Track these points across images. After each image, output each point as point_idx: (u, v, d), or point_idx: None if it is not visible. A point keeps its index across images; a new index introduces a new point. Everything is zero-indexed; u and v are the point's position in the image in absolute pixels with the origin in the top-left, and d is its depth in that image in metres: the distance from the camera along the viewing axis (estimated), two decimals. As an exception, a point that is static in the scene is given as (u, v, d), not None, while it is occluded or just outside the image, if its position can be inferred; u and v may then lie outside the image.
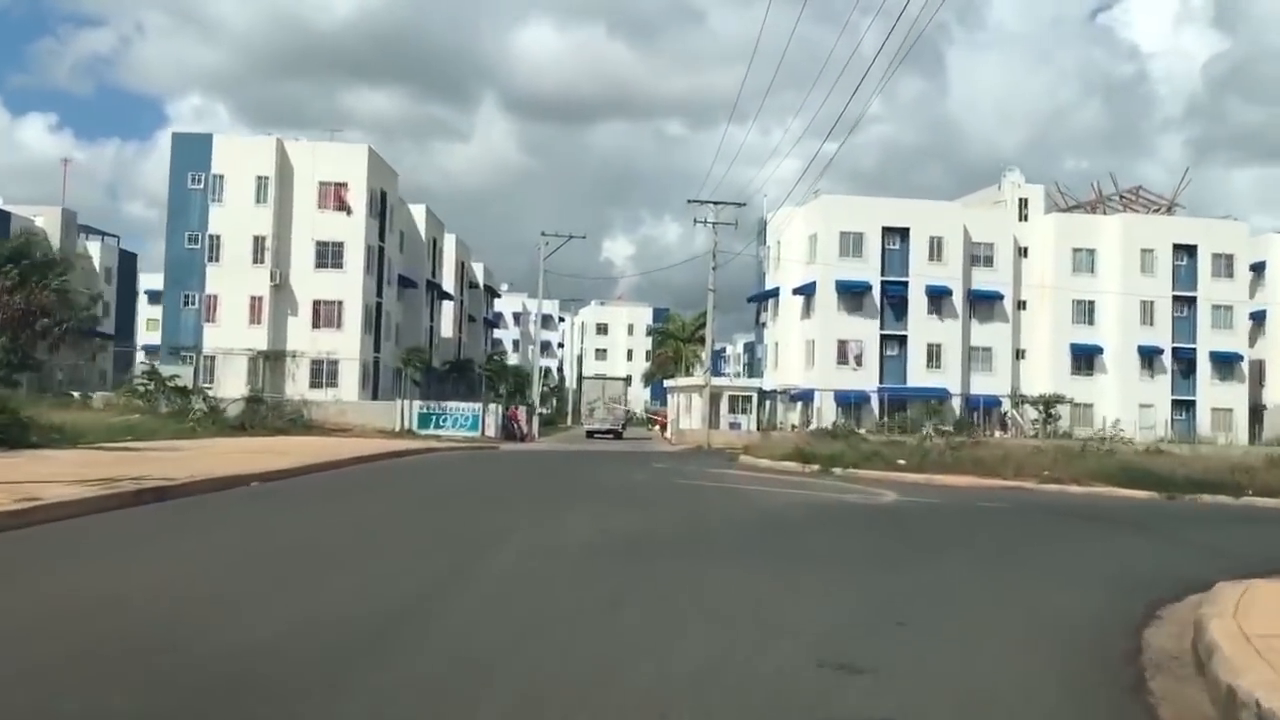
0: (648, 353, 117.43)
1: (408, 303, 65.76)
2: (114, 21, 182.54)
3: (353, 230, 52.93)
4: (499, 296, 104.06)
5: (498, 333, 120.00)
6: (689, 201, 48.49)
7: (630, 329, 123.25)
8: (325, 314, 52.79)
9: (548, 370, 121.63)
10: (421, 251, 67.16)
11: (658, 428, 74.18)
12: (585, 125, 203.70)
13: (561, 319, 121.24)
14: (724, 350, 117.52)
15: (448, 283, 77.12)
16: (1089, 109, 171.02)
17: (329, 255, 52.93)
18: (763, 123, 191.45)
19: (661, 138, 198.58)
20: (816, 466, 26.75)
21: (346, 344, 52.38)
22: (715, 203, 49.23)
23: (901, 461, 26.80)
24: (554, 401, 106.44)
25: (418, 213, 67.38)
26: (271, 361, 51.65)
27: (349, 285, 52.71)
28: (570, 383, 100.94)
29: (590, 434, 59.06)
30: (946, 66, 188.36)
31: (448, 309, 78.05)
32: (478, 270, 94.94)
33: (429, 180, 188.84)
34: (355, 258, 52.91)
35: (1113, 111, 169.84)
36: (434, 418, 49.94)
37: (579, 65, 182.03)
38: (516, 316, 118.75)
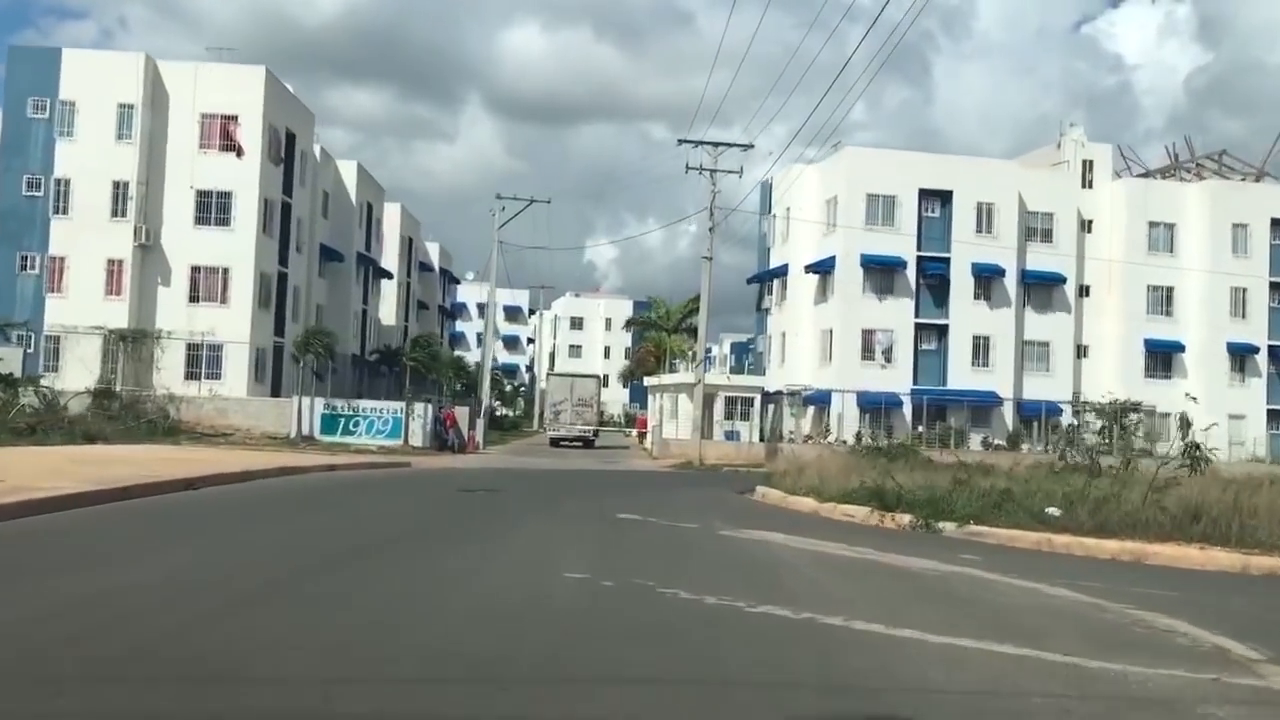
0: (627, 350, 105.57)
1: (333, 280, 53.87)
2: (96, 14, 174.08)
3: (244, 177, 40.91)
4: (459, 283, 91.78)
5: (460, 325, 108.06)
6: (680, 142, 36.81)
7: (609, 324, 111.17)
8: (206, 284, 40.77)
9: (515, 368, 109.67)
10: (352, 218, 55.23)
11: (635, 434, 63.12)
12: (569, 127, 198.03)
13: (532, 311, 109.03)
14: (710, 351, 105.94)
15: (388, 259, 65.20)
16: (1073, 118, 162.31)
17: (212, 208, 40.90)
18: (746, 127, 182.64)
19: (646, 141, 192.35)
20: (908, 518, 15.24)
21: (233, 323, 40.37)
22: (714, 144, 37.60)
23: (1053, 511, 15.19)
24: (521, 403, 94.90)
25: (347, 170, 55.44)
26: (132, 344, 39.63)
27: (238, 247, 40.68)
28: (541, 382, 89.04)
29: (555, 442, 48.17)
30: (931, 75, 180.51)
31: (389, 291, 66.09)
32: (432, 251, 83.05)
33: (411, 180, 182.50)
34: (247, 212, 40.89)
35: (1096, 121, 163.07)
36: (343, 420, 38.44)
37: (564, 67, 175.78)
38: (481, 308, 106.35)
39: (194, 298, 40.55)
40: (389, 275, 62.85)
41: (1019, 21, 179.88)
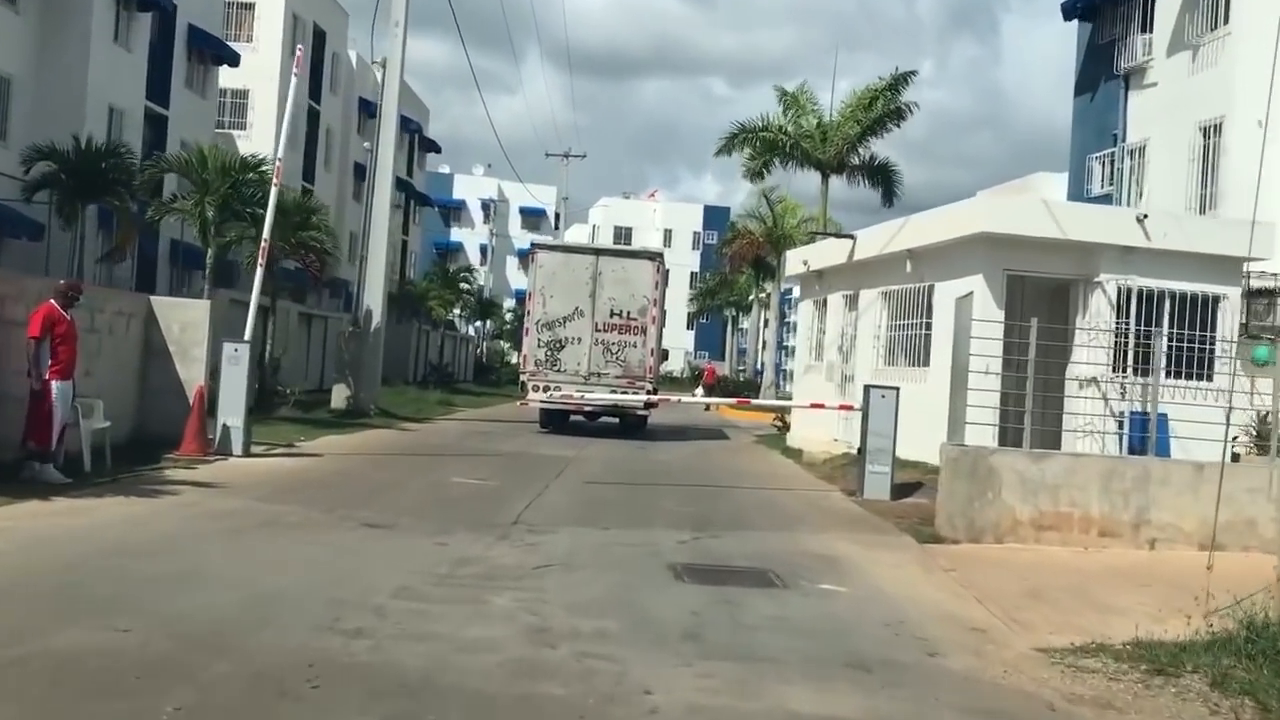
0: (694, 275, 73.35)
1: (48, 28, 22.69)
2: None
3: None
4: (437, 151, 59.31)
5: (456, 233, 76.58)
6: None
7: (668, 236, 78.39)
8: None
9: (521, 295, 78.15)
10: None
11: (701, 396, 33.17)
12: (630, 80, 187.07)
13: (558, 217, 77.13)
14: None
15: (261, 53, 34.07)
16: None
17: None
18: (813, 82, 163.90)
19: (708, 96, 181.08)
20: None
21: None
22: None
23: None
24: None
25: None
26: None
27: None
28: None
29: (550, 420, 16.17)
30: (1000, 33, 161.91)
31: (261, 109, 34.85)
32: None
33: (472, 131, 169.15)
34: None
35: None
36: None
37: (626, 19, 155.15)
38: (487, 208, 74.45)
39: None
40: (232, 61, 31.34)
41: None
